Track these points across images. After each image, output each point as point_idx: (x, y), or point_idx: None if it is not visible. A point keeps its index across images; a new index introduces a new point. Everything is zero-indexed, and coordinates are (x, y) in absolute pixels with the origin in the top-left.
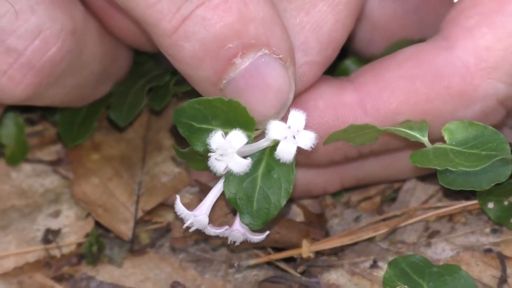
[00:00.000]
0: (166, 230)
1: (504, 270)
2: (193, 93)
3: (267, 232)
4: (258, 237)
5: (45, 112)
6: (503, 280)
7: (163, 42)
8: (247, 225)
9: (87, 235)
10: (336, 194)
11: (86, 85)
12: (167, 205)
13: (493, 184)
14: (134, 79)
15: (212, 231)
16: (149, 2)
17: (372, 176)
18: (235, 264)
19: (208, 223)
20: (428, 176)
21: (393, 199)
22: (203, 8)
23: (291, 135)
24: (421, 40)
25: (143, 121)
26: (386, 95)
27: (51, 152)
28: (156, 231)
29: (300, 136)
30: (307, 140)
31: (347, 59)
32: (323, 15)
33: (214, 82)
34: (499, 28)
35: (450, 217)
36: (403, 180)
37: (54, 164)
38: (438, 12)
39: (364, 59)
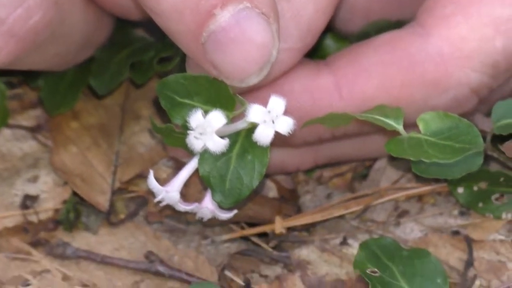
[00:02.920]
0: (142, 200)
1: (470, 253)
2: (175, 71)
3: (235, 211)
4: (226, 215)
5: (26, 78)
6: (469, 263)
7: None
8: (218, 203)
9: (65, 202)
10: (308, 171)
11: (67, 52)
12: (144, 175)
13: (464, 173)
14: (117, 48)
15: (182, 207)
16: None
17: (345, 155)
18: (209, 240)
19: (180, 199)
20: None
21: (364, 176)
22: None
23: (270, 119)
24: (399, 21)
25: (122, 89)
26: (362, 79)
27: (31, 117)
28: (132, 200)
29: (278, 121)
30: (285, 125)
31: (327, 38)
32: (303, 4)
33: (195, 36)
34: (474, 18)
35: (419, 197)
36: (375, 159)
37: (34, 130)
38: None
39: (343, 37)
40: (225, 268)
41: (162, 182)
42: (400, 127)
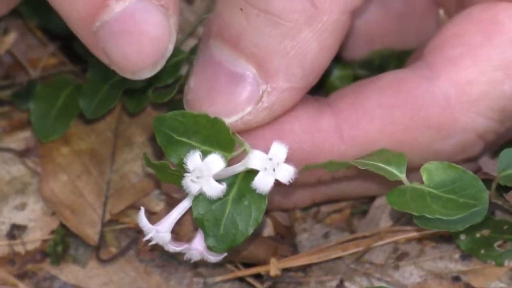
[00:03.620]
0: (133, 233)
1: None
2: (171, 103)
3: (225, 254)
4: (215, 258)
5: (15, 99)
6: None
7: None
8: (210, 248)
9: (53, 232)
10: (306, 207)
11: None
12: (136, 206)
13: (467, 226)
14: (110, 71)
15: (172, 248)
16: None
17: (344, 194)
18: (202, 282)
19: (170, 240)
20: None
21: (363, 212)
22: None
23: (271, 167)
24: (403, 51)
25: (115, 113)
26: (364, 123)
27: (20, 139)
28: (123, 232)
29: (279, 169)
30: (286, 174)
31: (335, 68)
32: (307, 42)
33: (87, 23)
34: (483, 61)
35: (420, 239)
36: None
37: (22, 155)
38: (422, 21)
39: (346, 63)
40: None
41: (154, 216)
42: (402, 176)
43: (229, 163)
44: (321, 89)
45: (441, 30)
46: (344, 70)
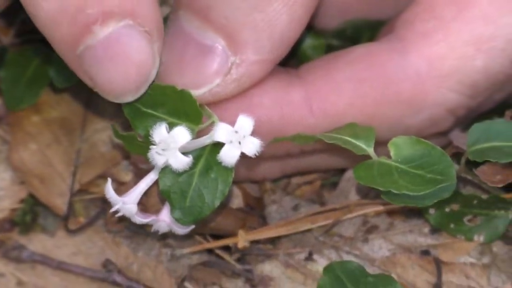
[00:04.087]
0: (102, 203)
1: (439, 277)
2: None
3: (192, 226)
4: (182, 230)
5: None
6: (437, 287)
7: None
8: (176, 220)
9: (22, 201)
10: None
11: None
12: (105, 176)
13: (436, 201)
14: None
15: (138, 219)
16: None
17: (314, 166)
18: (170, 253)
19: (137, 211)
20: None
21: (333, 184)
22: None
23: (237, 140)
24: (378, 21)
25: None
26: (334, 96)
27: None
28: (92, 202)
29: (245, 141)
30: (252, 147)
31: (307, 37)
32: (277, 14)
33: (71, 47)
34: (454, 36)
35: (390, 212)
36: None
37: None
38: None
39: (318, 32)
40: (185, 279)
41: (123, 186)
42: (370, 150)
43: (198, 135)
44: (293, 58)
45: (414, 2)
46: (317, 40)
